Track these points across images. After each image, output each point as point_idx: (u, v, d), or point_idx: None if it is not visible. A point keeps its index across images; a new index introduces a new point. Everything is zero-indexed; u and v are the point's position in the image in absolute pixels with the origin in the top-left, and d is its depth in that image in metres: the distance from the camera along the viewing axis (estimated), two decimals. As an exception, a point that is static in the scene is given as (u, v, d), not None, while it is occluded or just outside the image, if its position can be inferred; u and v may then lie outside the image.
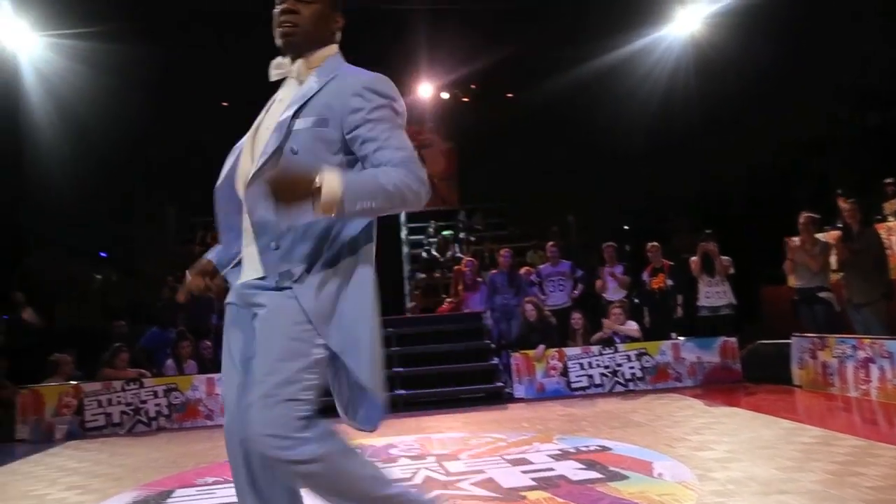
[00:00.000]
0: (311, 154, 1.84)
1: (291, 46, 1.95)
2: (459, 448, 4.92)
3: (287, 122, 1.85)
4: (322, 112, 1.86)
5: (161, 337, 7.93)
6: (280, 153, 1.83)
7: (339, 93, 1.87)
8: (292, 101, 1.90)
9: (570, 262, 8.62)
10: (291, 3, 1.91)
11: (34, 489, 4.53)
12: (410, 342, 7.70)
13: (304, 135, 1.85)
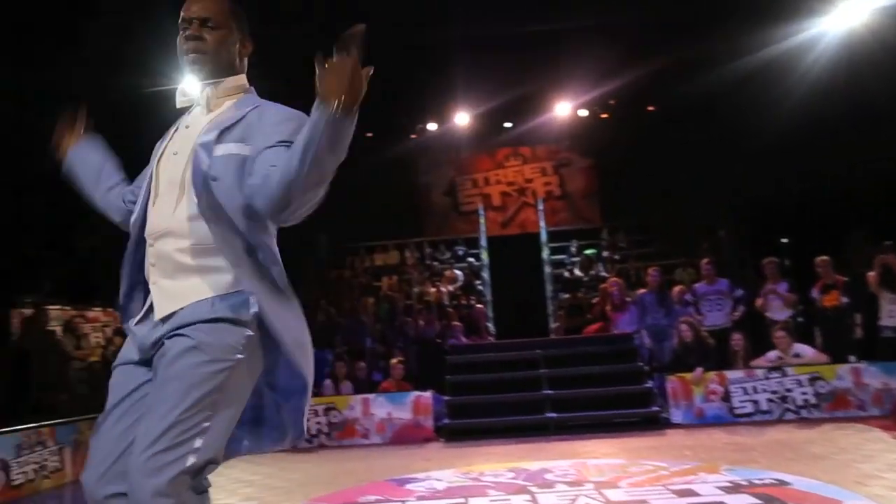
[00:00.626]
0: (231, 180, 1.76)
1: (200, 70, 1.89)
2: (618, 475, 4.75)
3: (209, 147, 1.78)
4: (244, 139, 1.80)
5: (319, 358, 8.34)
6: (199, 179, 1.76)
7: (262, 122, 1.82)
8: (211, 127, 1.82)
9: (727, 280, 8.11)
10: (196, 28, 1.87)
11: (217, 497, 4.86)
12: (559, 364, 7.59)
13: (226, 161, 1.77)
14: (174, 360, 1.66)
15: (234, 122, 1.82)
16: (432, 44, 10.44)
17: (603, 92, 12.26)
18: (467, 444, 6.79)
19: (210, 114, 1.87)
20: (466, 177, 14.96)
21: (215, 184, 1.75)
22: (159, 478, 1.55)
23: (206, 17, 1.87)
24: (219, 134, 1.79)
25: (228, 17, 1.91)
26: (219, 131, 1.79)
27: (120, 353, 1.85)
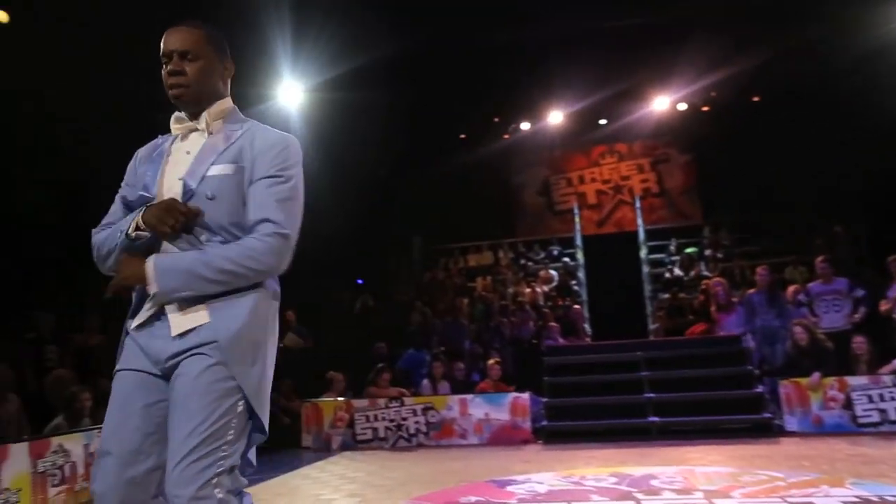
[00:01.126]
0: (227, 199, 1.87)
1: (185, 105, 1.98)
2: (729, 485, 4.52)
3: (203, 168, 1.89)
4: (237, 159, 1.91)
5: (417, 358, 8.48)
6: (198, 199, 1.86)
7: (255, 143, 1.93)
8: (208, 150, 1.93)
9: (846, 280, 7.57)
10: (176, 63, 1.93)
11: (322, 493, 5.04)
12: (661, 366, 7.34)
13: (221, 181, 1.88)
14: (198, 376, 1.77)
15: (227, 146, 1.93)
16: (525, 42, 10.35)
17: (704, 84, 11.76)
18: (567, 447, 6.67)
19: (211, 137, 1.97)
20: (560, 175, 14.76)
21: (213, 203, 1.86)
22: (192, 486, 1.69)
23: (184, 50, 1.93)
24: (215, 157, 1.91)
25: (206, 46, 1.97)
26: (215, 155, 1.91)
27: (125, 356, 1.92)
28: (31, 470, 4.95)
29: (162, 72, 1.96)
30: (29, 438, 5.15)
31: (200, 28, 1.97)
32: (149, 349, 1.87)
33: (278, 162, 1.92)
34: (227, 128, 1.99)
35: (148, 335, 1.88)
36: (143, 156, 2.06)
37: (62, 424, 5.64)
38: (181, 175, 1.92)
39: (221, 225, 1.87)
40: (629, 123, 13.47)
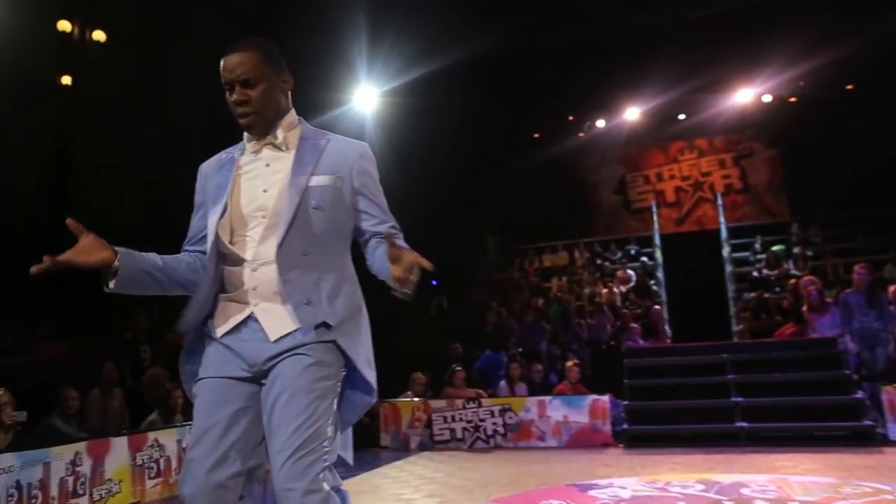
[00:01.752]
0: (332, 209, 1.96)
1: (256, 129, 2.02)
2: (829, 496, 4.27)
3: (304, 179, 1.95)
4: (334, 170, 1.99)
5: (494, 359, 8.45)
6: (303, 210, 1.92)
7: (344, 154, 2.03)
8: (301, 162, 1.98)
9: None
10: (240, 93, 1.97)
11: (402, 493, 5.09)
12: (749, 369, 7.03)
13: (320, 193, 1.95)
14: (299, 375, 1.85)
15: (318, 158, 2.00)
16: (601, 38, 10.17)
17: (792, 74, 11.22)
18: (649, 452, 6.49)
19: (286, 151, 2.02)
20: (637, 173, 14.42)
21: (317, 212, 1.94)
22: (304, 480, 1.76)
23: (245, 78, 1.97)
24: (312, 169, 1.98)
25: (264, 69, 1.99)
26: (311, 168, 1.98)
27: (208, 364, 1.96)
28: (130, 462, 5.22)
29: (227, 96, 2.01)
30: (128, 433, 5.43)
31: (255, 50, 1.99)
32: (243, 352, 1.92)
33: (372, 171, 2.07)
34: (307, 140, 2.05)
35: (237, 340, 1.93)
36: (210, 171, 2.12)
37: (157, 420, 5.92)
38: (266, 187, 1.98)
39: (324, 233, 1.95)
40: (710, 118, 13.03)
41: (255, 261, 1.93)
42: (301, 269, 1.91)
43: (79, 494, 4.77)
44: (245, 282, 1.95)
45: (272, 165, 2.01)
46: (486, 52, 9.80)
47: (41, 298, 7.84)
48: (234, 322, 1.94)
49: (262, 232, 1.94)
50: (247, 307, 1.94)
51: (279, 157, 2.01)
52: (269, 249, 1.92)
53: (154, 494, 5.36)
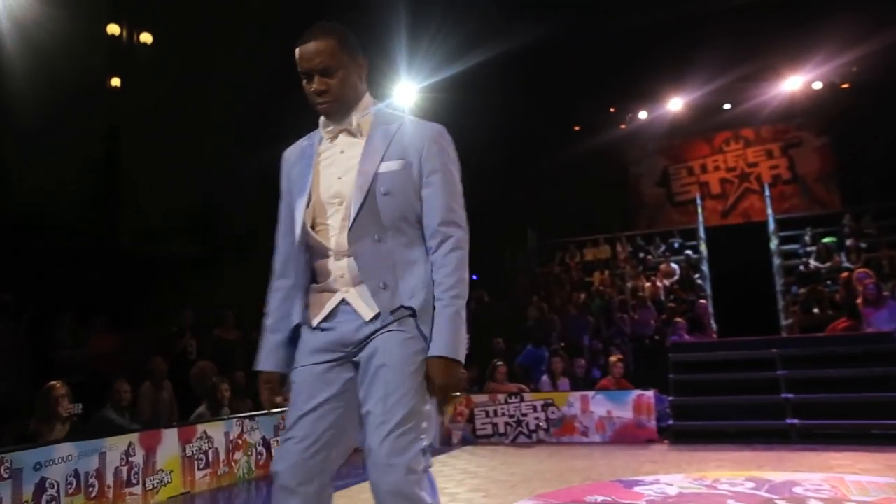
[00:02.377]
0: (402, 194, 1.94)
1: (335, 115, 2.02)
2: (888, 497, 4.13)
3: (374, 165, 1.95)
4: (403, 154, 1.96)
5: (536, 354, 8.40)
6: (372, 196, 1.92)
7: (415, 137, 1.99)
8: (372, 148, 1.98)
9: None
10: (319, 82, 1.97)
11: (446, 487, 5.09)
12: (800, 365, 6.84)
13: (390, 178, 1.94)
14: (392, 350, 1.88)
15: (389, 143, 1.98)
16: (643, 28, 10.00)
17: (844, 60, 10.85)
18: (696, 448, 6.37)
19: (360, 138, 2.02)
20: (681, 165, 14.15)
21: (387, 198, 1.93)
22: (405, 456, 1.78)
23: (323, 67, 1.96)
24: (382, 155, 1.97)
25: (341, 55, 1.98)
26: (380, 154, 1.97)
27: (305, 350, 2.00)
28: (180, 453, 5.35)
29: (304, 84, 2.01)
30: (178, 424, 5.56)
31: (332, 37, 1.98)
32: (339, 336, 1.96)
33: (443, 156, 2.01)
34: (380, 126, 2.04)
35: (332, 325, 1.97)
36: (293, 158, 2.14)
37: (205, 413, 6.05)
38: (341, 174, 2.00)
39: (394, 219, 1.95)
40: (756, 107, 12.70)
41: (339, 250, 1.97)
42: (375, 255, 1.94)
43: (132, 484, 4.91)
44: (332, 271, 1.98)
45: (346, 152, 2.02)
46: (526, 45, 9.73)
47: (94, 293, 8.10)
48: (327, 310, 1.98)
49: (341, 221, 1.97)
50: (337, 294, 1.98)
51: (353, 144, 2.02)
52: (345, 234, 1.95)
53: (203, 485, 5.49)
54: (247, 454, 5.97)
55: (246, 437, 5.98)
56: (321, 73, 1.97)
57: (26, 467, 4.23)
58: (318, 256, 2.00)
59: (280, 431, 6.40)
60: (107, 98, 9.78)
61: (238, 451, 5.88)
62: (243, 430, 5.97)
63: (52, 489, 4.34)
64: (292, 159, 2.14)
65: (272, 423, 6.33)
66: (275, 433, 6.31)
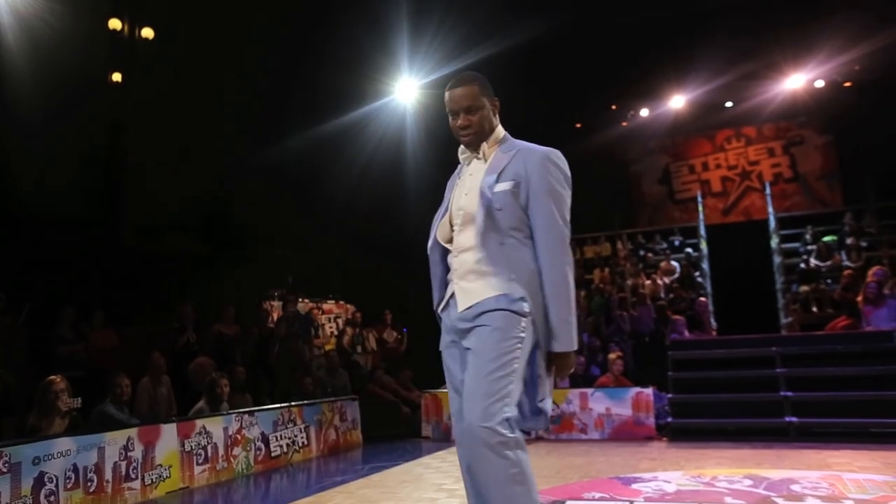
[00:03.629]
0: (509, 210, 2.36)
1: (472, 145, 2.52)
2: (886, 495, 4.13)
3: (490, 186, 2.38)
4: (515, 176, 2.39)
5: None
6: (489, 210, 2.36)
7: (526, 160, 2.42)
8: (490, 171, 2.43)
9: None
10: (463, 119, 2.47)
11: (444, 483, 5.11)
12: (799, 363, 6.84)
13: (504, 196, 2.37)
14: (482, 338, 2.28)
15: (503, 167, 2.42)
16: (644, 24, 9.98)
17: (847, 58, 10.82)
18: (694, 446, 6.38)
19: (485, 163, 2.49)
20: (682, 163, 14.13)
21: (501, 212, 2.36)
22: (492, 421, 2.14)
23: (468, 106, 2.46)
24: (496, 177, 2.40)
25: (481, 98, 2.48)
26: (496, 175, 2.41)
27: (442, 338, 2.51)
28: (179, 448, 5.36)
29: (450, 121, 2.51)
30: (177, 419, 5.57)
31: (475, 83, 2.49)
32: (451, 322, 2.45)
33: (549, 177, 2.41)
34: (500, 153, 2.49)
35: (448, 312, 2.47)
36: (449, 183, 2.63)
37: (204, 408, 6.07)
38: (466, 192, 2.48)
39: (506, 229, 2.37)
40: (758, 105, 12.67)
41: (457, 249, 2.45)
42: (493, 255, 2.35)
43: (131, 479, 4.93)
44: (453, 266, 2.47)
45: (473, 175, 2.50)
46: (528, 41, 9.72)
47: (94, 289, 8.11)
48: (446, 298, 2.50)
49: (460, 226, 2.45)
50: (451, 285, 2.47)
51: (478, 168, 2.50)
52: (467, 240, 2.42)
53: (202, 480, 5.50)
54: (245, 449, 5.98)
55: (245, 433, 6.00)
56: (465, 111, 2.47)
57: (25, 461, 4.25)
58: (450, 255, 2.49)
59: (278, 427, 6.42)
60: (108, 93, 9.78)
61: (237, 447, 5.90)
62: (242, 426, 5.98)
63: (50, 483, 4.36)
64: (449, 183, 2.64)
65: (271, 418, 6.35)
66: (273, 428, 6.33)
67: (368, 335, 10.02)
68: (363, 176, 10.77)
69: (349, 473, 5.78)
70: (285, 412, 6.55)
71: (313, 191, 10.75)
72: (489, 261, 2.34)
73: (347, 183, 10.68)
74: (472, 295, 2.36)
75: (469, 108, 2.46)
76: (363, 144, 11.11)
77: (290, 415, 6.59)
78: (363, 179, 10.76)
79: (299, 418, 6.71)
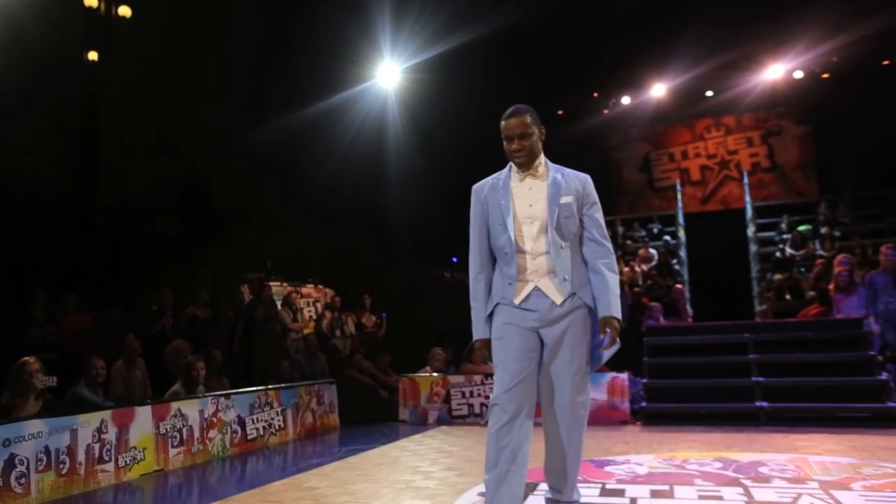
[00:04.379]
0: (573, 217, 3.03)
1: (525, 166, 3.08)
2: (849, 476, 4.23)
3: (557, 199, 3.01)
4: (572, 193, 3.05)
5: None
6: (558, 218, 2.99)
7: (576, 183, 3.09)
8: (552, 187, 3.04)
9: None
10: (517, 143, 3.03)
11: (420, 465, 5.14)
12: (771, 350, 6.95)
13: (567, 207, 3.02)
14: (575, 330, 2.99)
15: (562, 184, 3.05)
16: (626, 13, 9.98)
17: (824, 49, 10.93)
18: (667, 430, 6.48)
19: (538, 180, 3.07)
20: (662, 151, 14.23)
21: (566, 220, 3.01)
22: (584, 394, 3.03)
23: (521, 133, 3.02)
24: (560, 192, 3.03)
25: (532, 126, 3.04)
26: (559, 190, 3.04)
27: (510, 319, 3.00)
28: (154, 431, 5.34)
29: (505, 144, 3.08)
30: (152, 402, 5.55)
31: (527, 114, 3.04)
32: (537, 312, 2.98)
33: (593, 193, 3.14)
34: (552, 173, 3.09)
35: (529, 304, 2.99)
36: (486, 190, 3.14)
37: (180, 391, 6.04)
38: (531, 203, 3.04)
39: (569, 234, 3.03)
40: (738, 95, 12.79)
41: (534, 252, 3.00)
42: (560, 257, 2.99)
43: (105, 461, 4.90)
44: (528, 266, 3.00)
45: (533, 189, 3.06)
46: (510, 28, 9.69)
47: (68, 271, 8.01)
48: (525, 293, 3.00)
49: (535, 233, 3.00)
50: (531, 283, 3.00)
51: (537, 185, 3.07)
52: (541, 245, 3.00)
53: (177, 462, 5.49)
54: (221, 432, 5.98)
55: (221, 416, 5.99)
56: (519, 137, 3.02)
57: (-5, 442, 4.21)
58: (521, 256, 2.99)
59: (255, 410, 6.41)
60: (84, 72, 9.62)
61: (213, 429, 5.89)
62: (218, 409, 5.97)
63: (21, 465, 4.33)
64: (485, 190, 3.15)
65: (248, 401, 6.34)
66: (250, 411, 6.33)
67: (347, 319, 10.01)
68: (345, 160, 10.72)
69: (326, 456, 5.80)
70: (262, 395, 6.55)
71: (294, 174, 10.68)
72: (562, 261, 2.99)
73: (329, 167, 10.63)
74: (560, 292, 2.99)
75: (522, 134, 3.01)
76: (345, 128, 11.05)
77: (266, 398, 6.59)
78: (344, 164, 10.71)
79: (276, 401, 6.71)
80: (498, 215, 3.04)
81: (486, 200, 3.09)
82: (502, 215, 3.03)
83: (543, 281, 2.96)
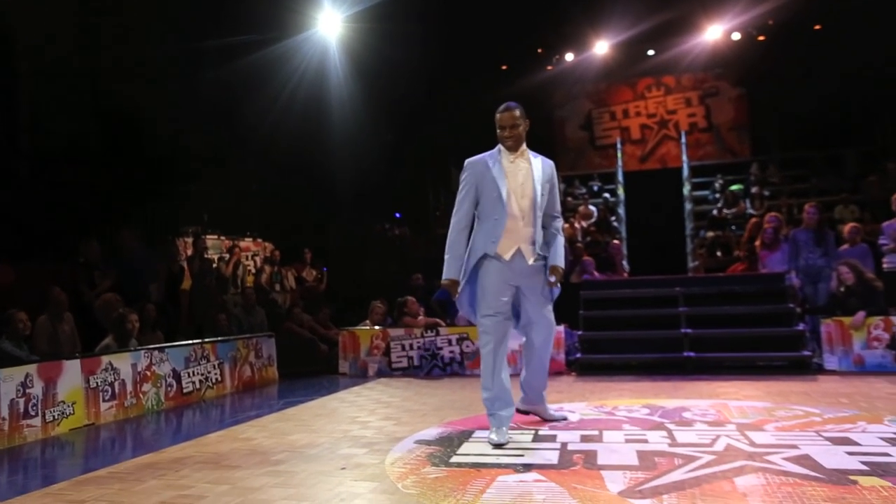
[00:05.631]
0: (545, 196, 4.04)
1: (513, 149, 4.01)
2: (763, 419, 4.49)
3: (541, 180, 4.01)
4: (548, 176, 4.08)
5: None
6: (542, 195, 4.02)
7: (549, 168, 4.12)
8: (537, 170, 4.02)
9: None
10: (509, 131, 3.97)
11: (359, 416, 5.19)
12: (700, 303, 7.24)
13: (545, 187, 4.03)
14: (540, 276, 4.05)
15: (542, 169, 4.04)
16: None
17: (761, 11, 11.14)
18: (600, 379, 6.71)
19: (524, 163, 4.00)
20: (604, 109, 14.37)
21: (544, 197, 4.03)
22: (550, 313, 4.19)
23: (511, 124, 3.97)
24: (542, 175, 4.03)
25: (521, 119, 4.00)
26: (542, 173, 4.03)
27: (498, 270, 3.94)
28: (83, 385, 5.21)
29: (498, 132, 4.00)
30: (81, 356, 5.39)
31: (517, 110, 4.00)
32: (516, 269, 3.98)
33: (556, 178, 4.19)
34: (533, 159, 4.05)
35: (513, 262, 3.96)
36: (479, 165, 4.01)
37: (112, 344, 5.89)
38: (522, 181, 3.97)
39: (544, 207, 4.06)
40: (678, 55, 12.96)
41: (522, 219, 3.96)
42: (536, 226, 4.00)
43: (31, 416, 4.76)
44: (518, 230, 3.95)
45: (522, 171, 3.99)
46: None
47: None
48: (512, 252, 3.96)
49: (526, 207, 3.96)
50: (517, 244, 3.97)
51: (525, 166, 4.00)
52: (528, 215, 3.96)
53: (109, 417, 5.38)
54: (156, 385, 5.88)
55: (155, 369, 5.88)
56: (510, 127, 3.96)
57: (-90, 397, 4.02)
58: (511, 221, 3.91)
59: (190, 363, 6.32)
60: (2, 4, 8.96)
61: (146, 383, 5.78)
62: (152, 362, 5.86)
63: (-60, 419, 4.17)
64: (480, 165, 4.00)
65: (183, 354, 6.24)
66: (185, 365, 6.23)
67: (287, 273, 9.89)
68: (286, 110, 10.42)
69: (264, 408, 5.79)
70: (198, 349, 6.45)
71: (232, 124, 10.33)
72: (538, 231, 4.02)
73: (268, 118, 10.31)
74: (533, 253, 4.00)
75: (512, 125, 3.96)
76: (285, 77, 10.70)
77: (202, 351, 6.49)
78: (285, 113, 10.41)
79: (213, 355, 6.62)
80: (493, 188, 3.89)
81: (482, 174, 3.94)
82: (498, 189, 3.89)
83: (524, 245, 3.96)
